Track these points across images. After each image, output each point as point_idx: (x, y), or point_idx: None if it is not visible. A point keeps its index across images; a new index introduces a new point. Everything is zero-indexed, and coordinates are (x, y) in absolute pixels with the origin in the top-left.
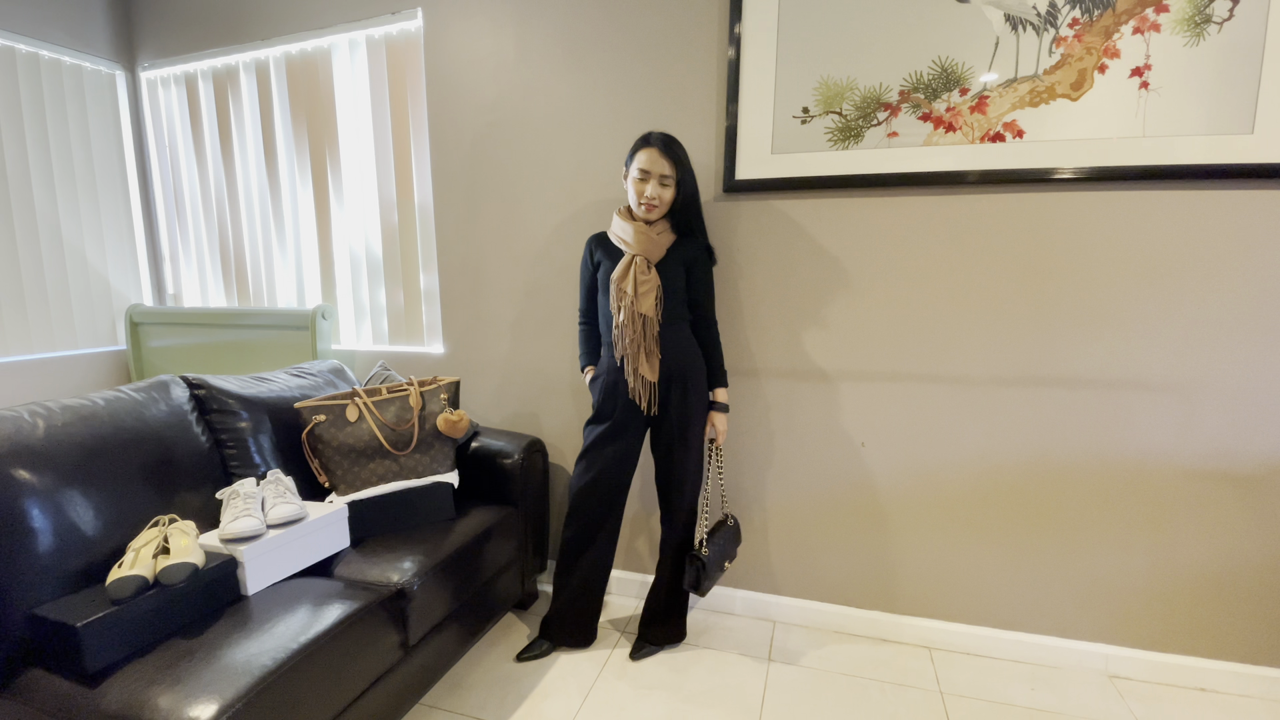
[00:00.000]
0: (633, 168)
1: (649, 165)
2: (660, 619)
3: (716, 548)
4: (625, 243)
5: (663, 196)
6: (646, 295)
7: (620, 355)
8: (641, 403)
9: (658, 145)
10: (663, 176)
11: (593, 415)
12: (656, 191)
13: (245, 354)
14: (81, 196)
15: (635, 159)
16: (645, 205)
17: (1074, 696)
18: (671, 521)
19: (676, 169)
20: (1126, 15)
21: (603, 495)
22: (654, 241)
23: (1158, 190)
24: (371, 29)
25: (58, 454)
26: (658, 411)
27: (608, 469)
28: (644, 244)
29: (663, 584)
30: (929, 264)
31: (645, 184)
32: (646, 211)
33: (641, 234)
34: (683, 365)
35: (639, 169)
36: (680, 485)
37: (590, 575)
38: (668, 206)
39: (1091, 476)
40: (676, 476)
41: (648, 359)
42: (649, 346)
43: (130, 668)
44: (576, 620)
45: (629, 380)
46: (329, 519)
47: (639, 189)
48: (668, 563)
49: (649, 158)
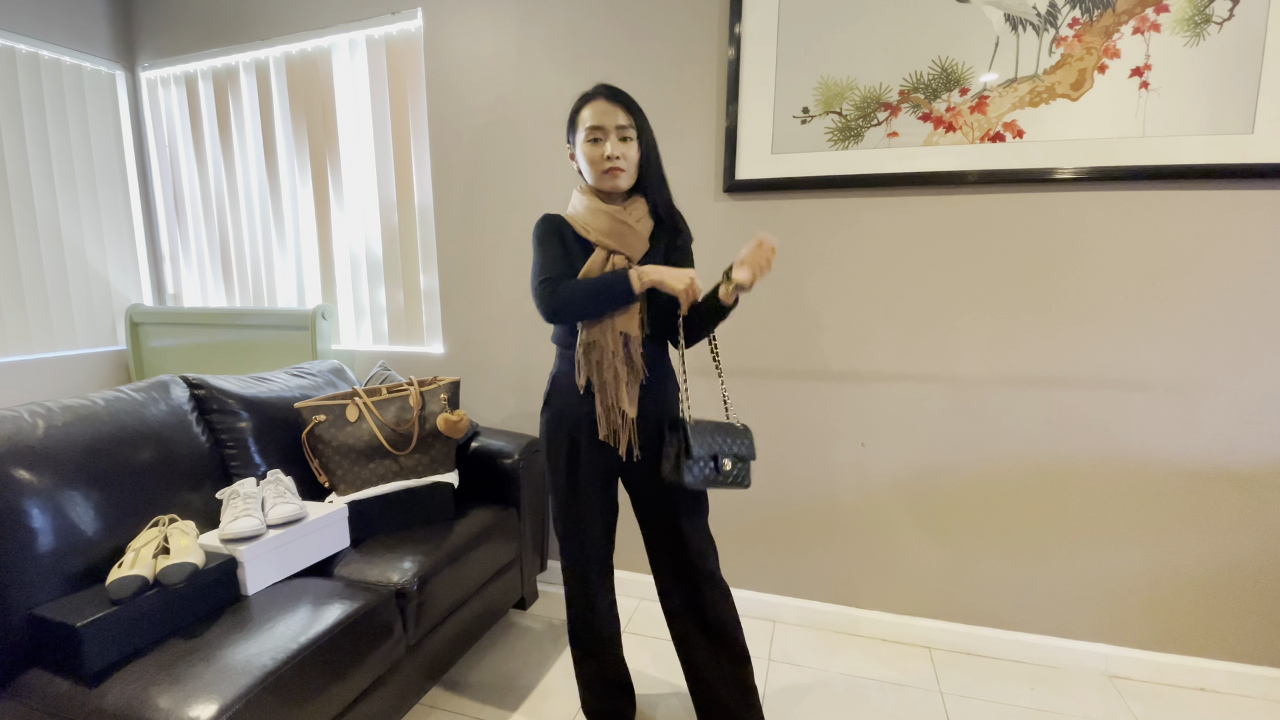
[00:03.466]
0: (579, 132)
1: (599, 119)
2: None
3: (703, 432)
4: (594, 231)
5: (628, 154)
6: (630, 309)
7: (587, 382)
8: (619, 446)
9: (604, 94)
10: (620, 129)
11: (550, 458)
12: (618, 149)
13: (245, 354)
14: (81, 196)
15: (580, 119)
16: (610, 169)
17: (1074, 696)
18: (676, 573)
19: (633, 115)
20: (1126, 15)
21: (594, 564)
22: (633, 231)
23: (1158, 190)
24: (371, 29)
25: (58, 454)
26: (639, 455)
27: (592, 535)
28: (621, 234)
29: (705, 664)
30: (929, 264)
31: (601, 145)
32: (613, 178)
33: (617, 219)
34: (658, 396)
35: (588, 129)
36: (681, 540)
37: (611, 651)
38: (635, 169)
39: (1091, 476)
40: (671, 521)
41: (628, 390)
42: (631, 374)
43: (130, 668)
44: (616, 704)
45: (601, 417)
46: (329, 519)
47: (594, 154)
48: (698, 637)
49: (597, 110)
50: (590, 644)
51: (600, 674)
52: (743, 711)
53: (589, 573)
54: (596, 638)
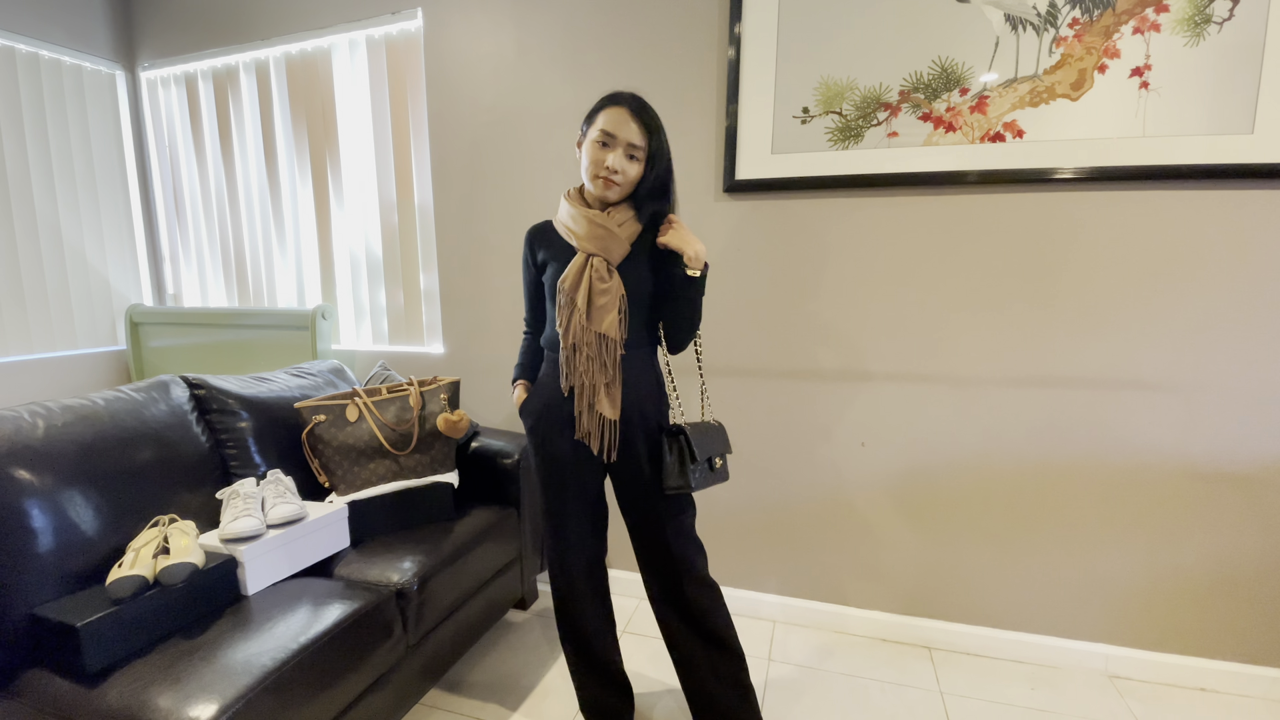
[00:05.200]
0: (593, 129)
1: (615, 128)
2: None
3: (696, 433)
4: (576, 235)
5: (627, 172)
6: (606, 309)
7: (570, 386)
8: (595, 445)
9: (629, 105)
10: (630, 146)
11: (539, 462)
12: (620, 164)
13: (245, 354)
14: (81, 196)
15: (598, 119)
16: (603, 180)
17: (1074, 696)
18: (664, 579)
19: (649, 139)
20: (1126, 15)
21: (581, 564)
22: (613, 235)
23: (1158, 190)
24: (371, 29)
25: (58, 454)
26: (617, 458)
27: (577, 534)
28: (600, 238)
29: (699, 664)
30: (929, 264)
31: (607, 152)
32: (604, 188)
33: (597, 224)
34: (643, 401)
35: (601, 130)
36: (664, 537)
37: (604, 651)
38: (631, 187)
39: (1091, 476)
40: (657, 527)
41: (608, 391)
42: (610, 375)
43: (130, 668)
44: (613, 703)
45: (580, 418)
46: (329, 519)
47: (597, 156)
48: (691, 639)
49: (616, 118)
50: (580, 643)
51: (593, 673)
52: (740, 711)
53: (575, 572)
54: (583, 636)
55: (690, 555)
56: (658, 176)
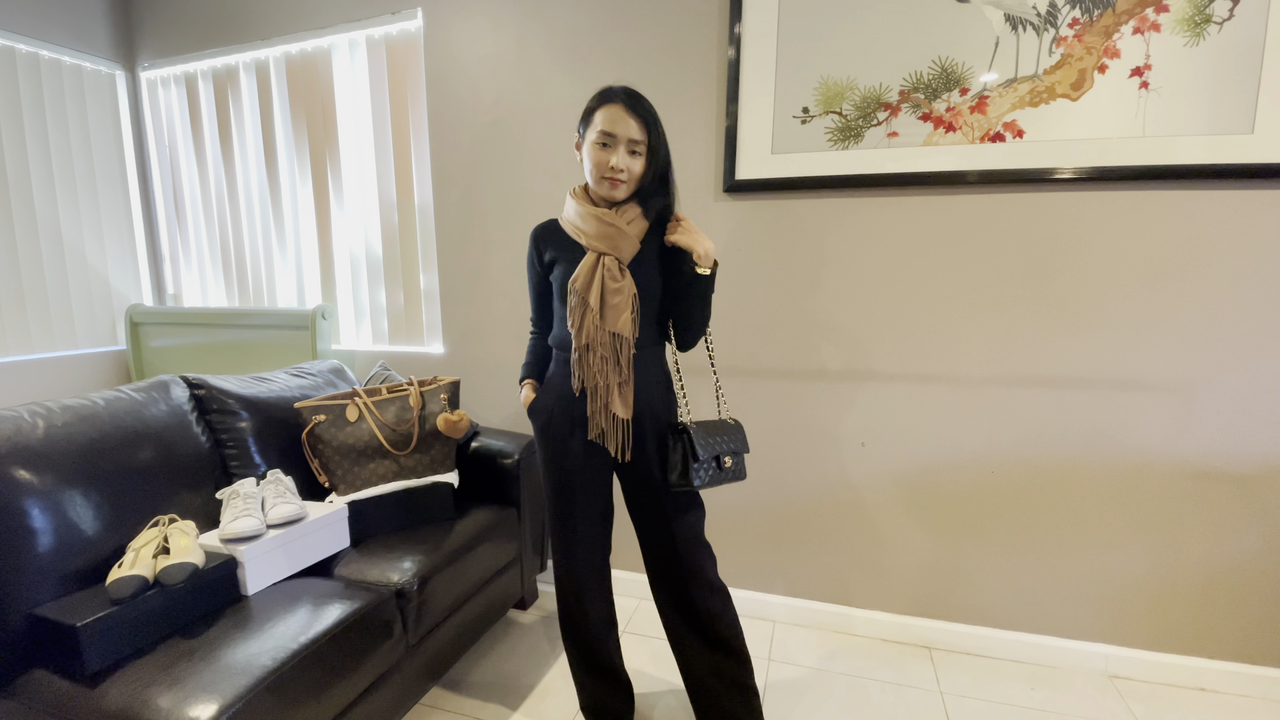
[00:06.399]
0: (591, 131)
1: (614, 127)
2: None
3: (705, 430)
4: (585, 235)
5: (632, 169)
6: (620, 309)
7: (582, 386)
8: (610, 445)
9: (623, 101)
10: (631, 142)
11: (548, 463)
12: (624, 162)
13: (245, 354)
14: (81, 196)
15: (594, 120)
16: (609, 180)
17: (1074, 696)
18: (671, 581)
19: (648, 132)
20: (1126, 15)
21: (586, 564)
22: (623, 234)
23: (1158, 190)
24: (371, 29)
25: (58, 454)
26: (630, 457)
27: (583, 535)
28: (611, 237)
29: (703, 666)
30: (929, 264)
31: (609, 153)
32: (610, 189)
33: (606, 222)
34: (653, 400)
35: (600, 132)
36: (671, 538)
37: (605, 651)
38: (637, 182)
39: (1091, 476)
40: (663, 528)
41: (620, 390)
42: (623, 375)
43: (130, 668)
44: (613, 703)
45: (594, 418)
46: (329, 519)
47: (600, 158)
48: (695, 642)
49: (613, 117)
50: (582, 643)
51: (594, 673)
52: (742, 714)
53: (581, 572)
54: (587, 636)
55: (698, 558)
56: (659, 169)
